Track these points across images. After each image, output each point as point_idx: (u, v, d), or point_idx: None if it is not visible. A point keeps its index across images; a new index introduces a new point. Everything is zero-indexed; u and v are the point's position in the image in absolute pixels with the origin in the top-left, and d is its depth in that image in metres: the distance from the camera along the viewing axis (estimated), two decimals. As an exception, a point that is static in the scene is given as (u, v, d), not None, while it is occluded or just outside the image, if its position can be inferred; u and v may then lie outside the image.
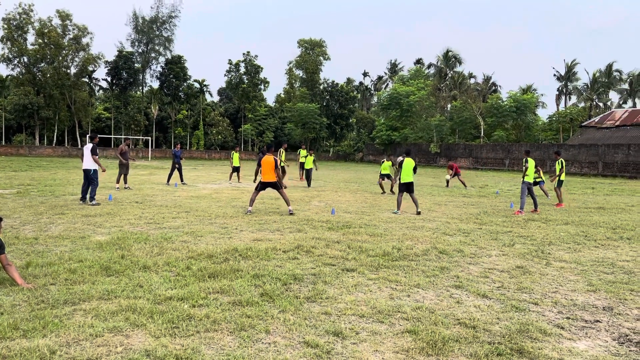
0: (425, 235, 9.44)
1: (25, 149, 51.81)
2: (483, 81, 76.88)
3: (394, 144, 62.64)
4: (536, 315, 5.01)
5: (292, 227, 9.98)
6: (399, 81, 68.46)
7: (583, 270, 7.00)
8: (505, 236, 9.72)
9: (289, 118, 71.48)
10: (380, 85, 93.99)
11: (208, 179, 24.62)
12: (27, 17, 54.65)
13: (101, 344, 3.90)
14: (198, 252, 7.24)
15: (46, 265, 6.19)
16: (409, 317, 4.79)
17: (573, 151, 44.73)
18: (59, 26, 56.11)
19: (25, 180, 19.65)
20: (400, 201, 13.07)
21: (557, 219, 12.49)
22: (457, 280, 6.22)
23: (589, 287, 6.11)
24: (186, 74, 66.26)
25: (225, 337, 4.15)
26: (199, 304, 4.91)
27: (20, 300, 4.88)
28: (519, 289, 5.97)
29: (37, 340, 3.89)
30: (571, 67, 72.41)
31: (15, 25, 53.94)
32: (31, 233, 8.44)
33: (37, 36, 55.08)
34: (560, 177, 16.20)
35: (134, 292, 5.24)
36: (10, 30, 53.51)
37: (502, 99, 58.52)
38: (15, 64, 55.75)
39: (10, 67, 56.04)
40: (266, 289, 5.45)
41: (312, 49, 73.97)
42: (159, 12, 62.95)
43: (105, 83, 66.06)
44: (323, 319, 4.68)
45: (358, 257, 7.33)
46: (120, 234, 8.52)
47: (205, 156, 62.44)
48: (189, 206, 12.85)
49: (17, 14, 54.08)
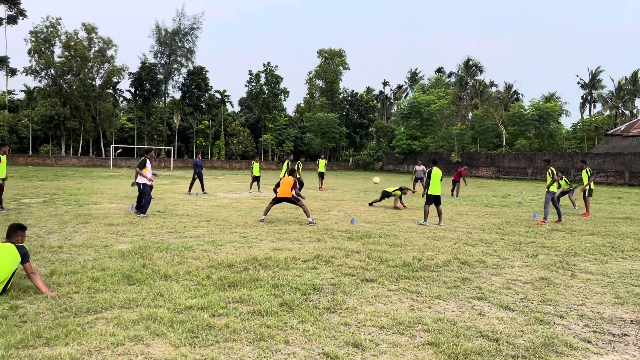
0: (447, 246, 9.33)
1: (52, 158, 52.94)
2: (504, 89, 76.19)
3: (414, 153, 62.28)
4: (561, 329, 4.89)
5: (312, 236, 9.97)
6: (420, 90, 68.22)
7: (610, 283, 6.83)
8: (528, 247, 9.55)
9: (308, 127, 71.72)
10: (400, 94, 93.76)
11: (229, 188, 24.80)
12: (54, 30, 56.00)
13: (122, 353, 3.93)
14: (218, 261, 7.28)
15: (70, 273, 6.28)
16: (430, 329, 4.72)
17: (598, 160, 43.89)
18: (84, 39, 57.38)
19: (51, 189, 20.05)
20: (427, 212, 12.78)
21: (582, 230, 12.23)
22: (479, 292, 6.12)
23: (616, 300, 5.95)
24: (207, 85, 67.06)
25: (245, 347, 4.14)
26: (219, 314, 4.92)
27: (44, 308, 4.96)
28: (543, 301, 5.84)
29: (60, 349, 3.93)
30: (595, 74, 71.24)
31: (42, 38, 55.31)
32: (56, 241, 8.59)
33: (63, 49, 56.37)
34: (590, 185, 15.87)
35: (155, 301, 5.28)
36: (38, 43, 54.89)
37: (524, 108, 57.79)
38: (43, 76, 57.09)
39: (38, 79, 57.43)
40: (285, 299, 5.43)
41: (332, 59, 74.25)
42: (181, 24, 63.93)
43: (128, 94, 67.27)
44: (342, 329, 4.64)
45: (378, 267, 7.27)
46: (142, 242, 8.61)
47: (226, 166, 62.97)
48: (210, 215, 12.94)
49: (44, 27, 55.48)
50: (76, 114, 57.83)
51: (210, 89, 68.24)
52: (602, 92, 72.02)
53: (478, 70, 71.48)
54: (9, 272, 5.35)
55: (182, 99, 67.14)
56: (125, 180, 27.97)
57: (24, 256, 5.49)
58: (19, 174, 31.19)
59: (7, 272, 5.33)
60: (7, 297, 5.27)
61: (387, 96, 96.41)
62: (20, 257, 5.46)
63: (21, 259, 5.46)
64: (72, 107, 57.47)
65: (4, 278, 5.32)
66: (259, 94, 71.30)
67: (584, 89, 73.53)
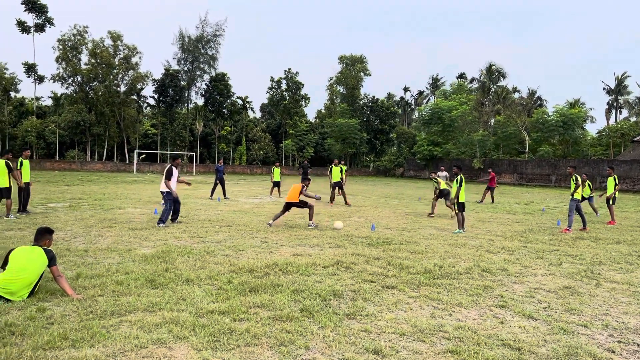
0: (468, 253, 9.24)
1: (77, 164, 54.01)
2: (528, 95, 75.18)
3: (436, 159, 61.82)
4: (585, 338, 4.81)
5: (332, 242, 9.98)
6: (441, 95, 67.74)
7: (636, 292, 6.69)
8: (552, 255, 9.41)
9: (329, 133, 71.79)
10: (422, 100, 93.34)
11: (250, 193, 24.97)
12: (81, 38, 57.29)
13: (146, 356, 4.00)
14: (239, 266, 7.34)
15: (95, 277, 6.42)
16: (451, 337, 4.69)
17: (625, 167, 42.93)
18: (110, 46, 58.53)
19: (77, 194, 20.47)
20: (462, 219, 12.46)
21: (607, 238, 11.99)
22: (501, 300, 6.05)
23: (642, 310, 5.82)
24: (230, 91, 67.71)
25: (265, 351, 4.18)
26: (240, 318, 4.97)
27: (70, 310, 5.08)
28: (567, 310, 5.75)
29: (85, 350, 4.03)
30: (621, 80, 69.94)
31: (70, 46, 56.63)
32: (81, 245, 8.77)
33: (90, 56, 57.62)
34: (615, 194, 15.56)
35: (177, 304, 5.36)
36: (65, 50, 56.20)
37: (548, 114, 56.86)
38: (70, 82, 58.39)
39: (65, 85, 58.80)
40: (306, 305, 5.46)
41: (353, 65, 74.28)
42: (204, 31, 64.77)
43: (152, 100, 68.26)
44: (363, 336, 4.64)
45: (398, 274, 7.25)
46: (164, 247, 8.74)
47: (247, 171, 63.41)
48: (231, 220, 13.06)
49: (72, 35, 56.81)
50: (101, 120, 58.97)
51: (232, 95, 68.90)
52: (629, 98, 70.65)
53: (501, 76, 70.70)
54: (36, 275, 5.50)
55: (205, 105, 67.91)
56: (148, 186, 28.39)
57: (51, 259, 5.63)
58: (46, 178, 31.91)
59: (34, 275, 5.48)
60: (35, 299, 5.40)
61: (407, 102, 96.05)
62: (47, 260, 5.60)
63: (48, 262, 5.60)
64: (98, 113, 58.63)
65: (32, 281, 5.46)
66: (280, 100, 71.72)
67: (609, 95, 72.23)
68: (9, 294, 5.29)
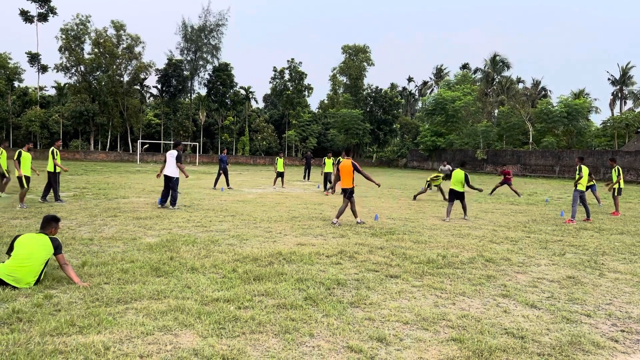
0: (472, 243, 9.26)
1: (81, 153, 54.15)
2: (532, 86, 74.87)
3: (439, 149, 61.72)
4: (588, 328, 4.83)
5: (335, 232, 10.01)
6: (445, 86, 67.49)
7: (639, 282, 6.70)
8: (555, 245, 9.42)
9: (332, 124, 71.72)
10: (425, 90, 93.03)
11: (253, 183, 25.01)
12: (84, 28, 57.19)
13: (152, 342, 4.04)
14: (243, 255, 7.38)
15: (100, 265, 6.46)
16: (454, 325, 4.72)
17: (629, 158, 42.78)
18: (113, 36, 58.41)
19: (81, 184, 20.54)
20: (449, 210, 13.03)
21: (611, 229, 11.99)
22: (505, 289, 6.07)
23: (645, 300, 5.84)
24: (233, 81, 67.57)
25: (270, 339, 4.22)
26: (245, 306, 5.01)
27: (77, 298, 5.12)
28: (570, 299, 5.77)
29: (92, 337, 4.07)
30: (626, 70, 69.50)
31: (73, 36, 56.52)
32: (87, 234, 8.83)
33: (93, 46, 57.54)
34: (620, 184, 15.54)
35: (183, 292, 5.40)
36: (68, 40, 56.12)
37: (552, 104, 56.64)
38: (73, 72, 58.40)
39: (68, 75, 58.78)
40: (310, 293, 5.49)
41: (356, 55, 73.99)
42: (207, 20, 64.50)
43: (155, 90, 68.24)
44: (367, 324, 4.67)
45: (402, 263, 7.28)
46: (169, 236, 8.78)
47: (250, 162, 63.47)
48: (235, 210, 13.10)
49: (74, 25, 56.68)
50: (104, 110, 59.04)
51: (235, 86, 68.77)
52: (633, 89, 70.24)
53: (505, 66, 70.39)
54: (42, 263, 5.54)
55: (208, 95, 67.83)
56: (151, 175, 28.44)
57: (56, 248, 5.67)
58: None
59: (40, 262, 5.52)
60: (42, 286, 5.45)
61: (411, 92, 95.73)
62: (53, 248, 5.64)
63: (54, 250, 5.64)
64: (101, 103, 58.68)
65: (38, 268, 5.51)
66: (283, 91, 71.55)
67: (614, 86, 71.81)
68: (14, 281, 5.33)
